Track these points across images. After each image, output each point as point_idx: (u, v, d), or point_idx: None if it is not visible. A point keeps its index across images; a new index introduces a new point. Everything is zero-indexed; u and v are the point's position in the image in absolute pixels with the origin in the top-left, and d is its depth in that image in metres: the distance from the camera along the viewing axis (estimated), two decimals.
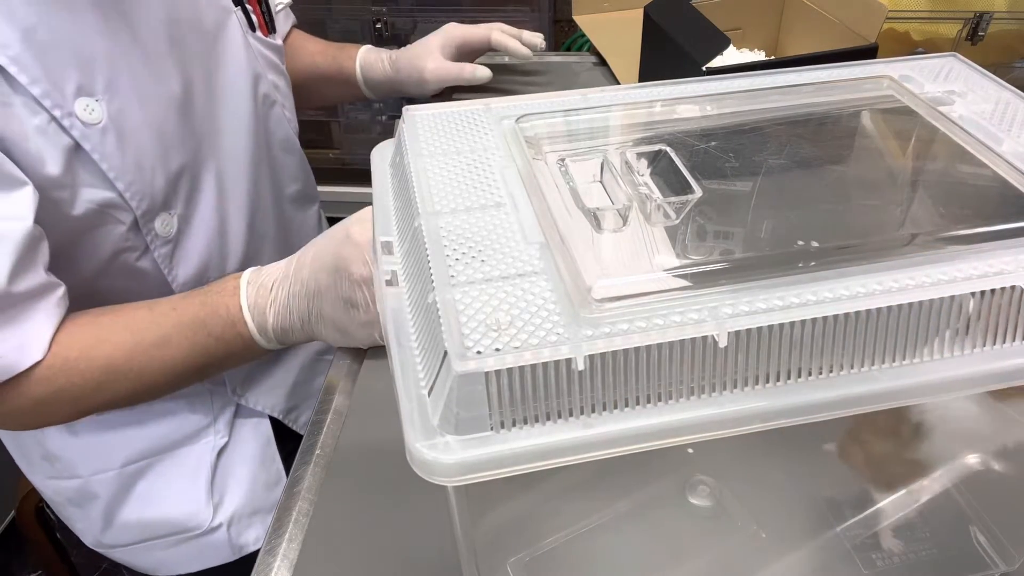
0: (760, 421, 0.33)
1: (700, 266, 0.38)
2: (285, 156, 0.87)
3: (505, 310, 0.33)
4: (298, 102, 0.91)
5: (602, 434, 0.32)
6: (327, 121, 2.04)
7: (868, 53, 0.85)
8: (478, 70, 1.03)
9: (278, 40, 0.87)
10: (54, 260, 0.64)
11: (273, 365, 0.87)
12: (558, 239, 0.37)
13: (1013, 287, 0.34)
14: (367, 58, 1.05)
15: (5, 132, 0.59)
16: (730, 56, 0.98)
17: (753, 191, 0.46)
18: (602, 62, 1.16)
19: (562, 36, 1.85)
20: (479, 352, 0.31)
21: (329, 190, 1.23)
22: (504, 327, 0.32)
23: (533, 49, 1.06)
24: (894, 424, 0.49)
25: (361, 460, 0.60)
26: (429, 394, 0.32)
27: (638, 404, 0.32)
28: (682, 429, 0.33)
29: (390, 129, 2.00)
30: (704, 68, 0.84)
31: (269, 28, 0.84)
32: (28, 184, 0.60)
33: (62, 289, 0.64)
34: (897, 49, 1.05)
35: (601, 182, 0.44)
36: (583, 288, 0.34)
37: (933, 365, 0.34)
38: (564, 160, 0.44)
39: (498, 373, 0.31)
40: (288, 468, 0.84)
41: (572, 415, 0.32)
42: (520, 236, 0.37)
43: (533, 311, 0.33)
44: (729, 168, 0.46)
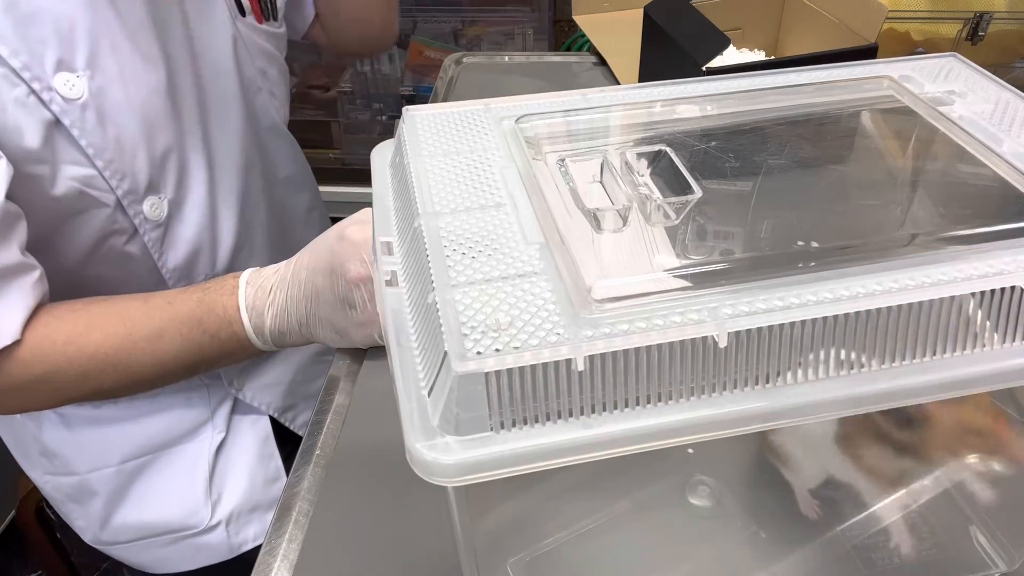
0: (760, 421, 0.33)
1: (700, 266, 0.38)
2: (275, 142, 0.86)
3: (505, 310, 0.33)
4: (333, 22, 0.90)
5: (602, 434, 0.32)
6: (327, 121, 2.04)
7: (868, 53, 0.85)
8: None
9: (277, 28, 0.85)
10: (40, 245, 0.64)
11: (271, 362, 0.87)
12: (558, 239, 0.37)
13: (1013, 287, 0.34)
14: None
15: None
16: (730, 56, 0.98)
17: (753, 191, 0.46)
18: (602, 62, 1.16)
19: (562, 36, 1.85)
20: (479, 353, 0.31)
21: (329, 190, 1.23)
22: (504, 327, 0.32)
23: None
24: (894, 424, 0.49)
25: (361, 460, 0.60)
26: (429, 394, 0.32)
27: (638, 404, 0.32)
28: (682, 429, 0.33)
29: (390, 129, 2.00)
30: (704, 68, 0.84)
31: (266, 16, 0.83)
32: (1, 159, 0.59)
33: (39, 272, 0.63)
34: (897, 49, 1.05)
35: (601, 182, 0.44)
36: (583, 288, 0.34)
37: (933, 365, 0.34)
38: (564, 160, 0.44)
39: (498, 374, 0.31)
40: (287, 467, 0.85)
41: (572, 415, 0.32)
42: (520, 236, 0.37)
43: (533, 311, 0.33)
44: (729, 168, 0.46)
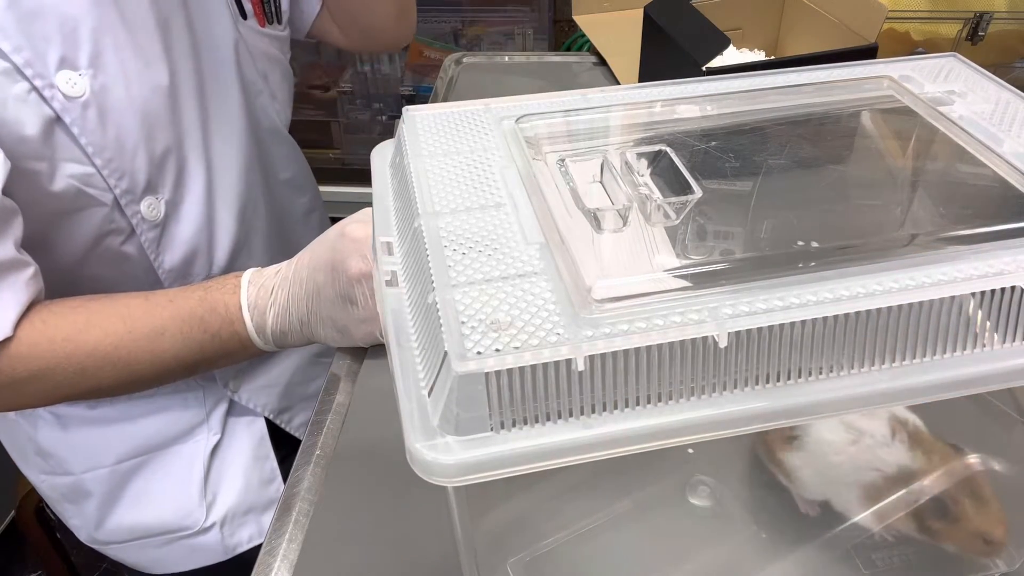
0: (760, 421, 0.33)
1: (700, 266, 0.38)
2: (275, 144, 0.86)
3: (505, 310, 0.33)
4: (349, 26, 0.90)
5: (602, 434, 0.32)
6: (327, 121, 2.04)
7: (868, 53, 0.85)
8: None
9: (280, 31, 0.85)
10: (35, 242, 0.64)
11: (268, 363, 0.87)
12: (558, 239, 0.37)
13: (1013, 287, 0.34)
14: None
15: None
16: (730, 56, 0.98)
17: (753, 191, 0.46)
18: (602, 62, 1.16)
19: (562, 36, 1.85)
20: (479, 352, 0.31)
21: (329, 190, 1.23)
22: (504, 327, 0.32)
23: None
24: (894, 424, 0.49)
25: (361, 460, 0.60)
26: (429, 394, 0.32)
27: (638, 404, 0.32)
28: (682, 429, 0.33)
29: (390, 129, 2.00)
30: (704, 68, 0.84)
31: (269, 19, 0.83)
32: None
33: (33, 268, 0.63)
34: (897, 49, 1.05)
35: (601, 182, 0.44)
36: (583, 288, 0.34)
37: (933, 365, 0.34)
38: (564, 160, 0.44)
39: (498, 374, 0.31)
40: (283, 470, 0.85)
41: (572, 415, 0.32)
42: (520, 236, 0.37)
43: (533, 311, 0.33)
44: (729, 168, 0.46)
